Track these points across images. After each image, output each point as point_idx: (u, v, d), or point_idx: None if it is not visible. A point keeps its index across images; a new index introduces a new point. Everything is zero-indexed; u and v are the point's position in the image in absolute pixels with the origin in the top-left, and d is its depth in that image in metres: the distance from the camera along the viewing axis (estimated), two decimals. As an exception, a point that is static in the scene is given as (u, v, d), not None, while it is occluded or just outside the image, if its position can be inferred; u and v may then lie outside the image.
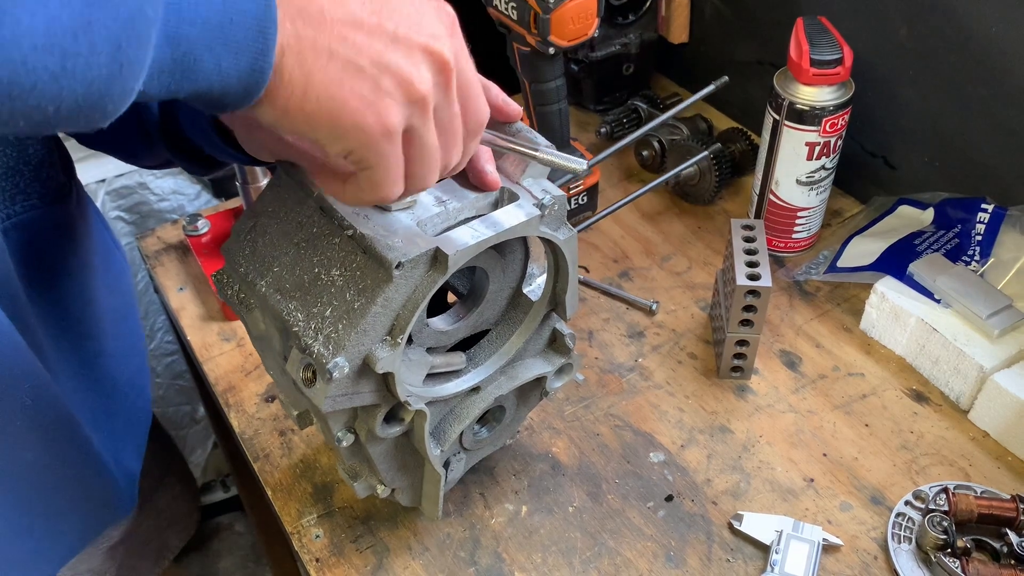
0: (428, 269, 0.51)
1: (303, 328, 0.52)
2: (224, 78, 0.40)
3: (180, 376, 1.51)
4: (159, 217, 1.36)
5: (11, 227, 0.63)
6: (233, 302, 0.58)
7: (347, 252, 0.52)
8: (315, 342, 0.51)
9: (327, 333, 0.51)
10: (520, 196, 0.55)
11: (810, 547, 0.68)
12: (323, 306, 0.52)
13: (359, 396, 0.55)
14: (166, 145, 0.65)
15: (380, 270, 0.50)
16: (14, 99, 0.35)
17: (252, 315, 0.57)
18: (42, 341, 0.67)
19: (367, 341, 0.52)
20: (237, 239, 0.58)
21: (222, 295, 0.59)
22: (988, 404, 0.76)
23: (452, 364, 0.62)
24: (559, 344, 0.67)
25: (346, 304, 0.51)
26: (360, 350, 0.52)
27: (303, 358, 0.53)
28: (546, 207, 0.55)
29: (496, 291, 0.61)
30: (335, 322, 0.51)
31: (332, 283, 0.52)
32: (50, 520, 0.73)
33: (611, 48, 1.11)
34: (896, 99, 0.93)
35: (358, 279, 0.51)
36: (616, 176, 1.09)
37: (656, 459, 0.77)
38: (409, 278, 0.51)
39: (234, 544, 1.76)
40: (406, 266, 0.50)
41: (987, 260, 0.85)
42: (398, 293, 0.51)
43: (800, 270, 0.93)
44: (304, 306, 0.53)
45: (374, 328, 0.51)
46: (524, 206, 0.55)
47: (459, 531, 0.72)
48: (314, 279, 0.53)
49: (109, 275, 0.78)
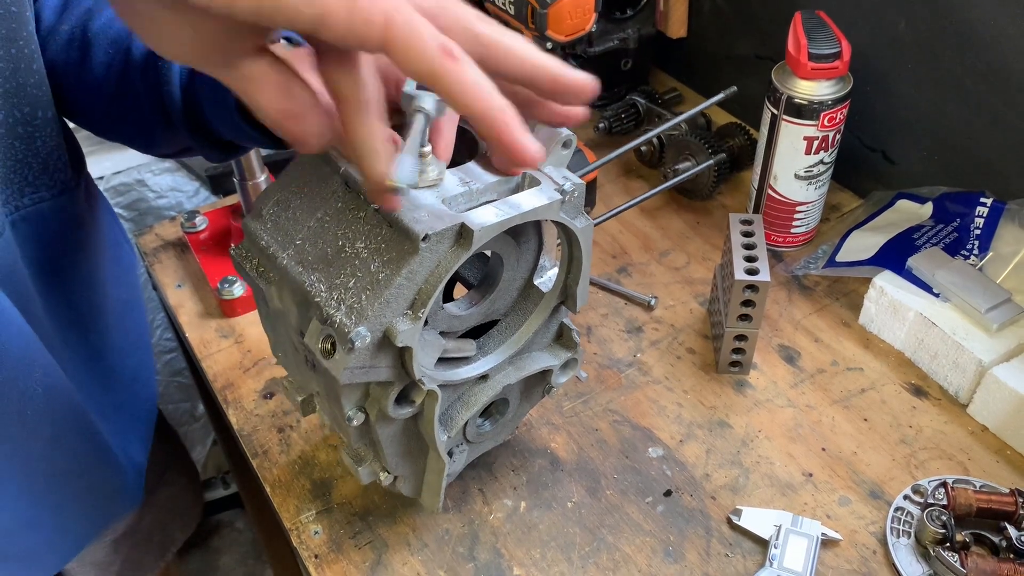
0: (452, 244, 0.52)
1: (325, 299, 0.53)
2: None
3: (179, 373, 1.51)
4: (157, 214, 1.36)
5: (20, 219, 0.63)
6: (251, 275, 0.59)
7: (372, 225, 0.53)
8: (338, 312, 0.52)
9: (350, 303, 0.52)
10: (541, 181, 0.56)
11: (809, 542, 0.68)
12: (346, 277, 0.52)
13: (376, 371, 0.55)
14: (187, 130, 0.65)
15: (407, 242, 0.51)
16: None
17: (270, 289, 0.58)
18: (50, 333, 0.67)
19: (389, 313, 0.52)
20: (258, 213, 0.58)
21: (239, 270, 0.60)
22: (987, 398, 0.76)
23: (463, 350, 0.62)
24: (566, 339, 0.67)
25: (370, 275, 0.52)
26: (382, 321, 0.52)
27: (324, 329, 0.53)
28: (567, 192, 0.55)
29: (509, 279, 0.62)
30: (359, 292, 0.52)
31: (356, 255, 0.53)
32: (58, 513, 0.74)
33: (609, 43, 1.10)
34: (895, 93, 0.93)
35: (383, 251, 0.52)
36: (614, 171, 1.09)
37: (655, 454, 0.77)
38: (434, 251, 0.51)
39: (234, 541, 1.77)
40: (432, 239, 0.50)
41: (986, 254, 0.85)
42: (423, 266, 0.51)
43: (799, 264, 0.93)
44: (327, 277, 0.53)
45: (396, 300, 0.52)
46: (545, 190, 0.55)
47: (458, 527, 0.72)
48: (338, 251, 0.53)
49: (117, 268, 0.78)
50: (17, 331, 0.60)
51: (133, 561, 0.94)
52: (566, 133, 0.56)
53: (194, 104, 0.63)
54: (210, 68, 0.42)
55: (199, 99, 0.63)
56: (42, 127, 0.63)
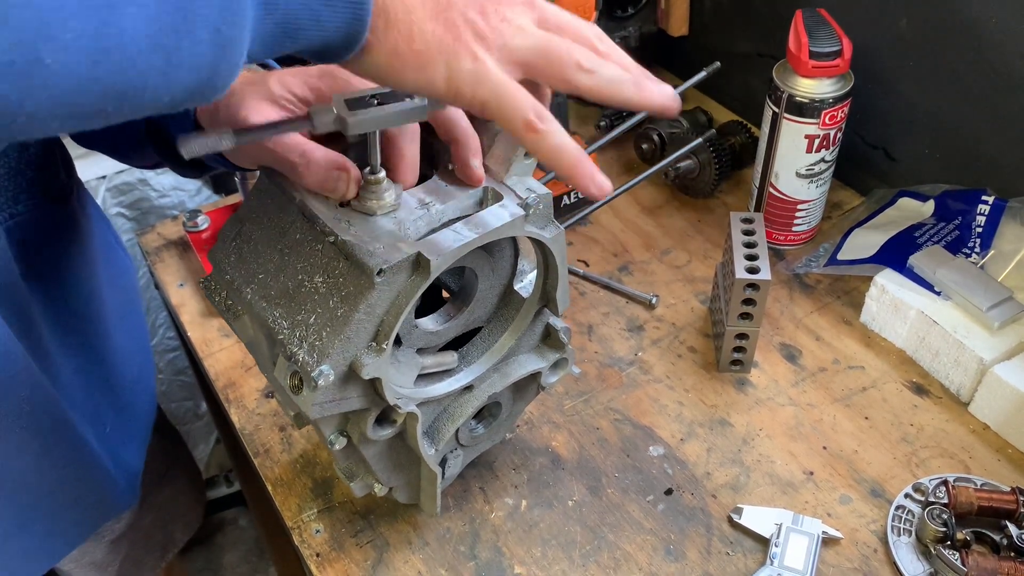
0: (411, 274, 0.51)
1: (288, 336, 0.52)
2: (324, 32, 0.41)
3: (182, 372, 1.52)
4: (159, 213, 1.36)
5: (14, 226, 0.63)
6: (221, 308, 0.58)
7: (329, 258, 0.52)
8: (300, 350, 0.51)
9: (311, 341, 0.51)
10: (505, 196, 0.55)
11: (810, 540, 0.68)
12: (307, 313, 0.52)
13: (347, 401, 0.55)
14: (155, 148, 0.65)
15: (362, 277, 0.50)
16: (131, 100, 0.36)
17: (240, 321, 0.57)
18: (47, 339, 0.67)
19: (352, 348, 0.51)
20: (223, 245, 0.58)
21: (210, 300, 0.59)
22: (988, 396, 0.76)
23: (444, 364, 0.61)
24: (553, 339, 0.66)
25: (329, 311, 0.51)
26: (345, 357, 0.51)
27: (289, 365, 0.53)
28: (531, 207, 0.54)
29: (486, 289, 0.61)
30: (319, 329, 0.51)
31: (315, 290, 0.52)
32: (47, 519, 0.74)
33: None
34: (896, 91, 0.93)
35: (341, 286, 0.51)
36: (616, 169, 1.09)
37: (656, 453, 0.77)
38: (392, 284, 0.51)
39: (238, 539, 1.77)
40: (387, 272, 0.50)
41: (987, 252, 0.85)
42: (381, 299, 0.51)
43: (800, 263, 0.93)
44: (289, 314, 0.53)
45: (358, 335, 0.51)
46: (508, 206, 0.54)
47: (459, 525, 0.72)
48: (298, 286, 0.53)
49: (112, 271, 0.79)
50: (2, 348, 0.60)
51: (133, 561, 0.94)
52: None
53: (158, 124, 0.63)
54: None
55: (162, 120, 0.62)
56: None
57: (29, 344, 0.64)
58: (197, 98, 0.39)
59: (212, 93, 0.39)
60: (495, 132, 0.56)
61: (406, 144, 0.54)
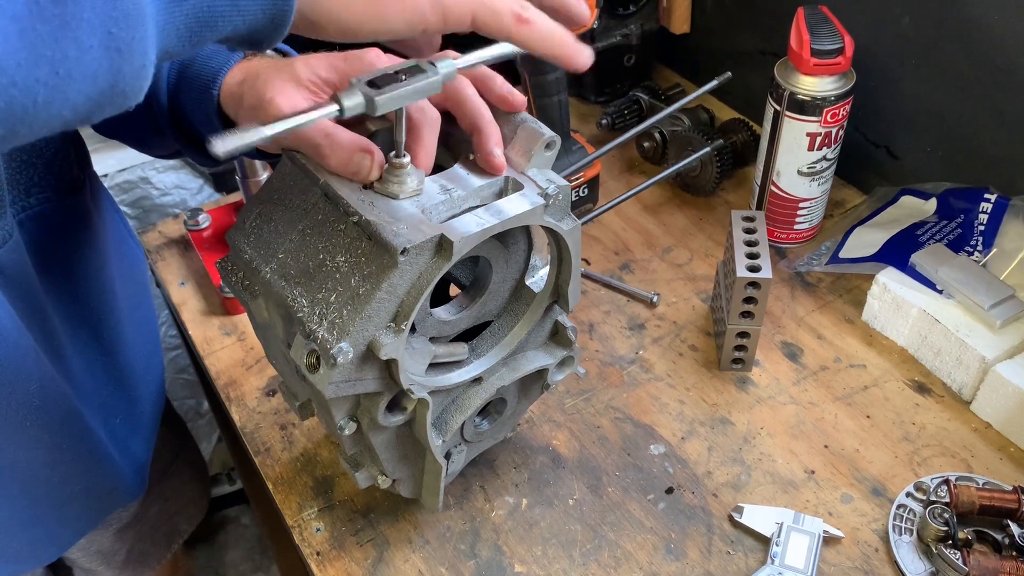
0: (433, 256, 0.52)
1: (307, 314, 0.53)
2: (247, 15, 0.39)
3: (184, 370, 1.52)
4: (161, 211, 1.36)
5: (26, 219, 0.63)
6: (237, 289, 0.58)
7: (352, 238, 0.53)
8: (319, 328, 0.52)
9: (331, 319, 0.52)
10: (525, 185, 0.56)
11: (811, 539, 0.68)
12: (328, 292, 0.52)
13: (362, 383, 0.55)
14: (175, 135, 0.65)
15: (385, 256, 0.51)
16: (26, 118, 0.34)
17: (256, 302, 0.58)
18: (59, 332, 0.68)
19: (371, 327, 0.52)
20: (242, 226, 0.58)
21: (225, 282, 0.59)
22: (990, 395, 0.76)
23: (454, 354, 0.62)
24: (561, 337, 0.67)
25: (351, 290, 0.51)
26: (364, 336, 0.52)
27: (307, 344, 0.53)
28: (550, 196, 0.55)
29: (499, 282, 0.61)
30: (340, 308, 0.52)
31: (337, 269, 0.52)
32: (56, 509, 0.74)
33: (612, 39, 1.10)
34: (898, 89, 0.93)
35: (363, 265, 0.52)
36: (617, 168, 1.08)
37: (656, 451, 0.77)
38: (414, 264, 0.51)
39: (240, 536, 1.77)
40: (411, 252, 0.50)
41: (990, 250, 0.85)
42: (403, 279, 0.51)
43: (802, 261, 0.93)
44: (309, 292, 0.53)
45: (378, 314, 0.52)
46: (528, 195, 0.55)
47: (459, 524, 0.72)
48: (319, 265, 0.53)
49: (124, 264, 0.79)
50: (13, 343, 0.60)
51: (139, 551, 0.95)
52: (549, 135, 0.56)
53: (180, 111, 0.63)
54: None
55: (184, 107, 0.63)
56: None
57: (41, 337, 0.65)
58: (108, 106, 0.36)
59: (124, 99, 0.37)
60: (517, 124, 0.56)
61: (426, 131, 0.54)
